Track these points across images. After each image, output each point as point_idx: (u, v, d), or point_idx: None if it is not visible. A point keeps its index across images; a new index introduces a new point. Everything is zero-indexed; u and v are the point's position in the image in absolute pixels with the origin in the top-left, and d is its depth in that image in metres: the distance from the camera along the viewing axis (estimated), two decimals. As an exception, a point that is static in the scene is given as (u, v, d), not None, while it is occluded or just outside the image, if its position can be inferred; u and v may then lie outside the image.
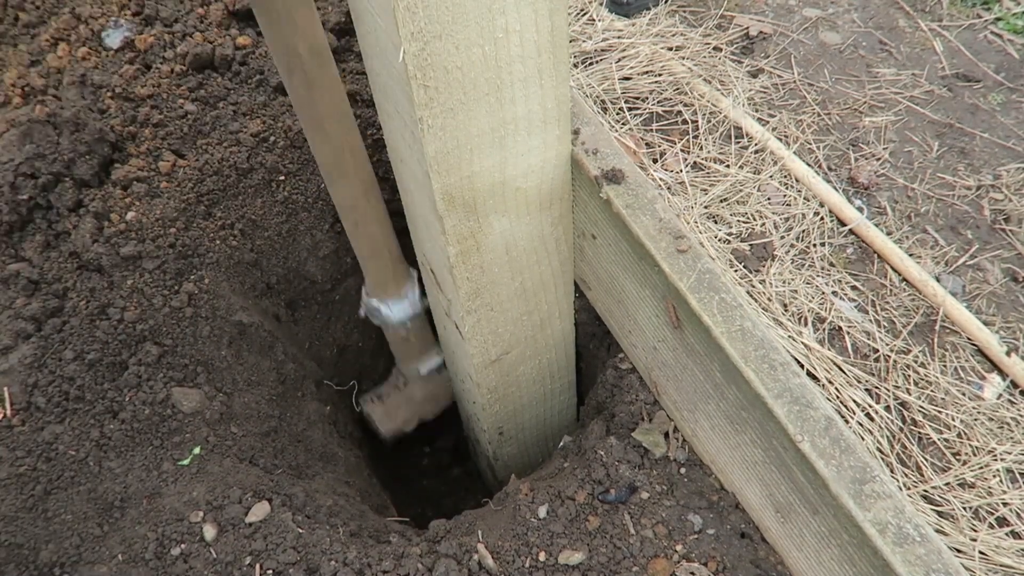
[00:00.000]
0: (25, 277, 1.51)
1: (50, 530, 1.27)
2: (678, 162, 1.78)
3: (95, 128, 1.68)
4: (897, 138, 1.89)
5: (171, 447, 1.40)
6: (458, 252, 1.25)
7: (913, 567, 0.91)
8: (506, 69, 1.02)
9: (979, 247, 1.69)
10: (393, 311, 1.83)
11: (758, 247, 1.63)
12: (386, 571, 1.24)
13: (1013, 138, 1.90)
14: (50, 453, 1.33)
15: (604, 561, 1.22)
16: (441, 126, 1.04)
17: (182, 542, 1.26)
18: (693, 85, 1.93)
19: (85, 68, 1.83)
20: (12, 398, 1.37)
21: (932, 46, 2.12)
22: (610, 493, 1.30)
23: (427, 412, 2.18)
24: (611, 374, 1.52)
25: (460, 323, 1.42)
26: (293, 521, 1.31)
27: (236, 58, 1.90)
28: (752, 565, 1.20)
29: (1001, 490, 1.32)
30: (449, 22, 0.93)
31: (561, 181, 1.27)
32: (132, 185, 1.67)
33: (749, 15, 2.18)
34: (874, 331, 1.52)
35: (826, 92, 1.99)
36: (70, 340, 1.45)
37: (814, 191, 1.74)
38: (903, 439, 1.39)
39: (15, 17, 2.00)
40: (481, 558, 1.25)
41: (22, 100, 1.80)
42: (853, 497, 0.96)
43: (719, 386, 1.16)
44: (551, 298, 1.48)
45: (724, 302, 1.13)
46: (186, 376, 1.50)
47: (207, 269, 1.66)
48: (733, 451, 1.20)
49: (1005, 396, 1.46)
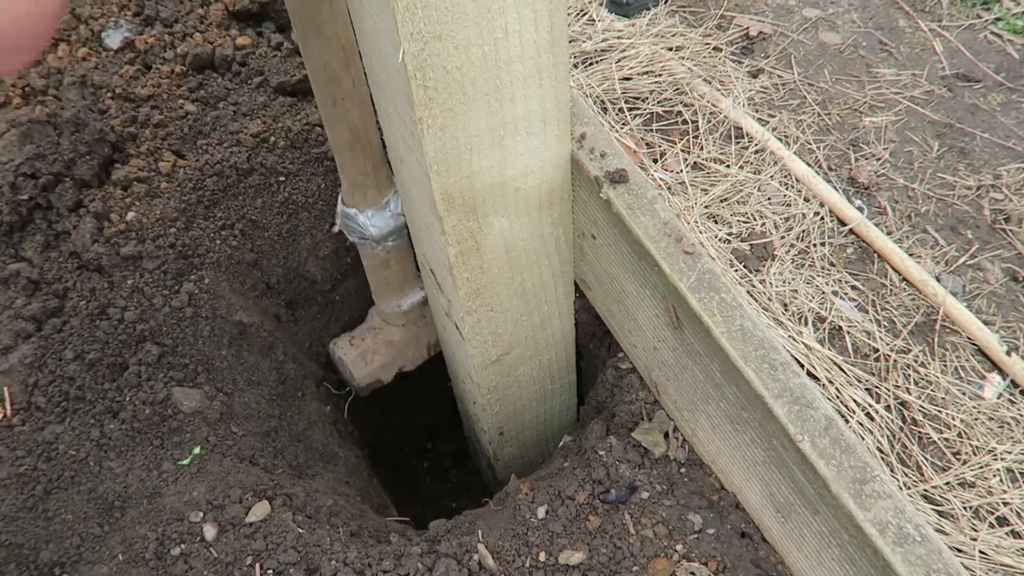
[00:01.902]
0: (25, 277, 1.51)
1: (50, 530, 1.27)
2: (678, 162, 1.78)
3: (95, 128, 1.68)
4: (897, 138, 1.89)
5: (171, 447, 1.40)
6: (458, 252, 1.25)
7: (913, 567, 0.91)
8: (506, 69, 1.02)
9: (979, 247, 1.69)
10: (372, 222, 1.59)
11: (758, 247, 1.63)
12: (386, 571, 1.24)
13: (1013, 138, 1.90)
14: (50, 453, 1.34)
15: (604, 561, 1.22)
16: (441, 126, 1.04)
17: (182, 542, 1.26)
18: (693, 85, 1.93)
19: (85, 68, 1.83)
20: (12, 398, 1.37)
21: (932, 46, 2.12)
22: (610, 493, 1.30)
23: (408, 359, 1.93)
24: (611, 374, 1.52)
25: (460, 323, 1.42)
26: (293, 521, 1.31)
27: (236, 58, 1.90)
28: (752, 565, 1.20)
29: (1001, 490, 1.32)
30: (449, 22, 0.93)
31: (561, 181, 1.27)
32: (132, 185, 1.67)
33: (749, 15, 2.18)
34: (874, 331, 1.52)
35: (826, 92, 1.99)
36: (70, 340, 1.45)
37: (814, 191, 1.74)
38: (903, 439, 1.39)
39: (15, 17, 1.99)
40: (481, 558, 1.25)
41: (22, 100, 1.80)
42: (853, 497, 0.96)
43: (719, 386, 1.16)
44: (551, 298, 1.48)
45: (724, 302, 1.13)
46: (186, 376, 1.50)
47: (207, 269, 1.66)
48: (733, 451, 1.20)
49: (1005, 396, 1.46)
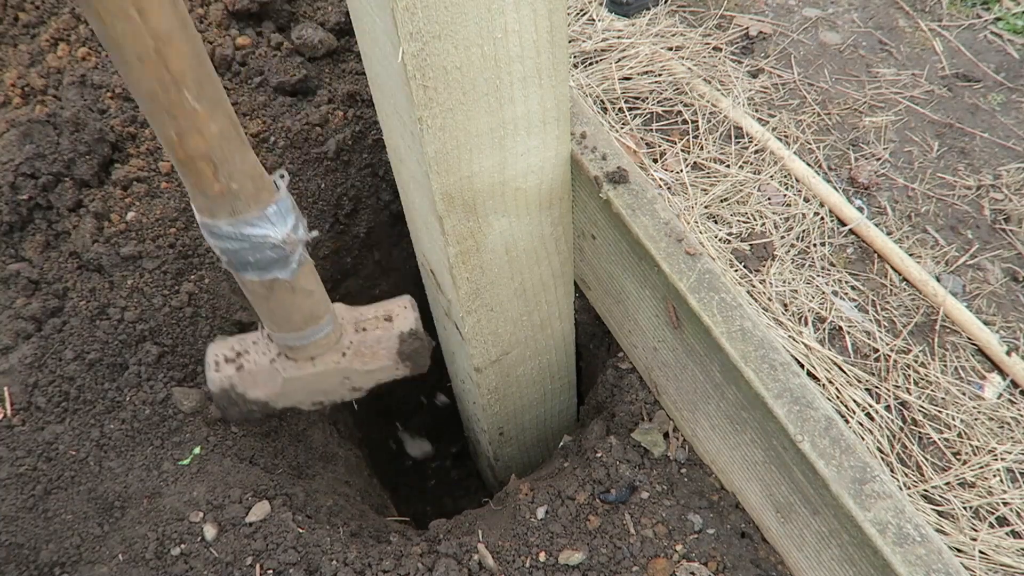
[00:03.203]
0: (25, 277, 1.51)
1: (50, 530, 1.27)
2: (678, 162, 1.78)
3: (95, 128, 1.68)
4: (897, 138, 1.89)
5: (171, 447, 1.40)
6: (458, 252, 1.25)
7: (913, 567, 0.91)
8: (505, 69, 1.02)
9: (979, 247, 1.69)
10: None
11: (758, 247, 1.63)
12: (386, 571, 1.24)
13: (1013, 138, 1.89)
14: (50, 453, 1.34)
15: (604, 561, 1.22)
16: (440, 126, 1.04)
17: (182, 542, 1.26)
18: (693, 85, 1.93)
19: (85, 68, 1.83)
20: (12, 398, 1.37)
21: (932, 46, 2.12)
22: (610, 493, 1.30)
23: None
24: (611, 374, 1.52)
25: (460, 324, 1.42)
26: (293, 521, 1.31)
27: (236, 58, 1.90)
28: (752, 565, 1.20)
29: (1001, 490, 1.32)
30: (448, 22, 0.93)
31: (561, 181, 1.27)
32: (132, 185, 1.67)
33: (749, 15, 2.18)
34: (874, 331, 1.52)
35: (826, 92, 1.99)
36: (70, 340, 1.45)
37: (814, 191, 1.74)
38: (903, 439, 1.39)
39: (15, 17, 2.00)
40: (481, 558, 1.25)
41: (22, 100, 1.80)
42: (853, 497, 0.96)
43: (719, 386, 1.16)
44: (551, 298, 1.48)
45: (724, 302, 1.13)
46: (186, 376, 1.50)
47: (207, 269, 1.66)
48: (733, 451, 1.20)
49: (1005, 396, 1.46)
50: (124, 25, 0.71)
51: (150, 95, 0.79)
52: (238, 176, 0.90)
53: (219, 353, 1.31)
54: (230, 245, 1.00)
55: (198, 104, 0.80)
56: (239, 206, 0.94)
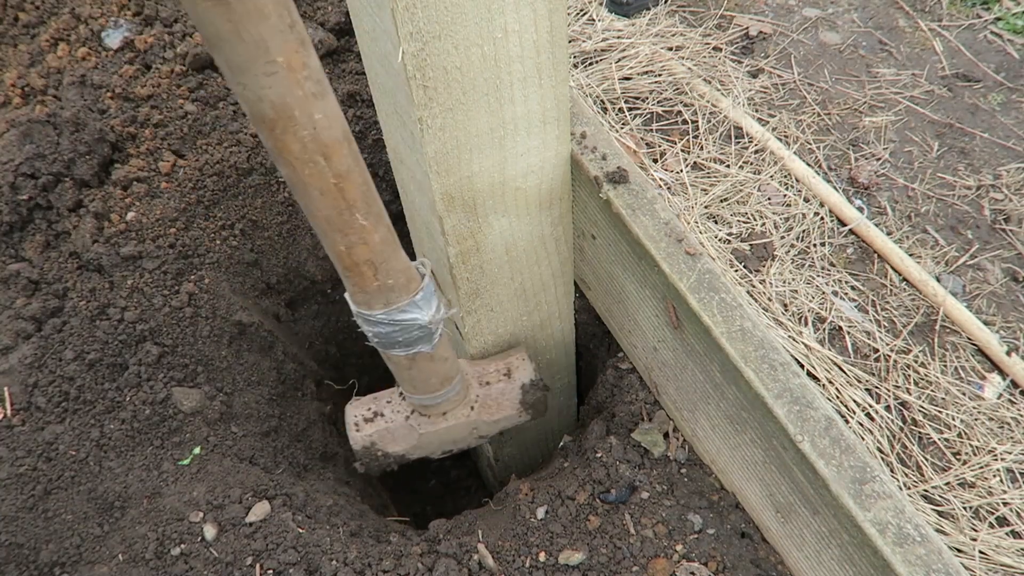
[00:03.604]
0: (25, 277, 1.51)
1: (50, 530, 1.27)
2: (678, 162, 1.78)
3: (95, 128, 1.68)
4: (897, 138, 1.89)
5: (171, 447, 1.40)
6: (458, 252, 1.25)
7: (913, 567, 0.91)
8: (505, 69, 1.02)
9: (979, 247, 1.69)
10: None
11: (758, 247, 1.63)
12: (386, 571, 1.24)
13: (1013, 138, 1.89)
14: (50, 453, 1.34)
15: (604, 561, 1.22)
16: (440, 126, 1.04)
17: (182, 542, 1.26)
18: (693, 85, 1.93)
19: (85, 68, 1.83)
20: (12, 398, 1.37)
21: (932, 46, 2.12)
22: (610, 493, 1.30)
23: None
24: (611, 374, 1.52)
25: (460, 323, 1.42)
26: (293, 521, 1.31)
27: (236, 58, 1.90)
28: (752, 565, 1.20)
29: (1001, 490, 1.32)
30: (448, 22, 0.93)
31: (561, 181, 1.27)
32: (132, 185, 1.67)
33: (749, 15, 2.18)
34: (874, 331, 1.52)
35: (826, 92, 1.99)
36: (70, 340, 1.45)
37: (814, 191, 1.74)
38: (903, 439, 1.39)
39: (15, 17, 2.00)
40: (481, 558, 1.25)
41: (22, 100, 1.80)
42: (853, 497, 0.96)
43: (719, 386, 1.16)
44: (551, 298, 1.48)
45: (724, 302, 1.13)
46: (186, 376, 1.50)
47: (207, 269, 1.66)
48: (733, 451, 1.20)
49: (1005, 396, 1.46)
50: (311, 169, 0.81)
51: (326, 220, 0.89)
52: (393, 273, 1.01)
53: (358, 415, 1.43)
54: (382, 330, 1.09)
55: (366, 221, 0.91)
56: (392, 297, 1.04)
